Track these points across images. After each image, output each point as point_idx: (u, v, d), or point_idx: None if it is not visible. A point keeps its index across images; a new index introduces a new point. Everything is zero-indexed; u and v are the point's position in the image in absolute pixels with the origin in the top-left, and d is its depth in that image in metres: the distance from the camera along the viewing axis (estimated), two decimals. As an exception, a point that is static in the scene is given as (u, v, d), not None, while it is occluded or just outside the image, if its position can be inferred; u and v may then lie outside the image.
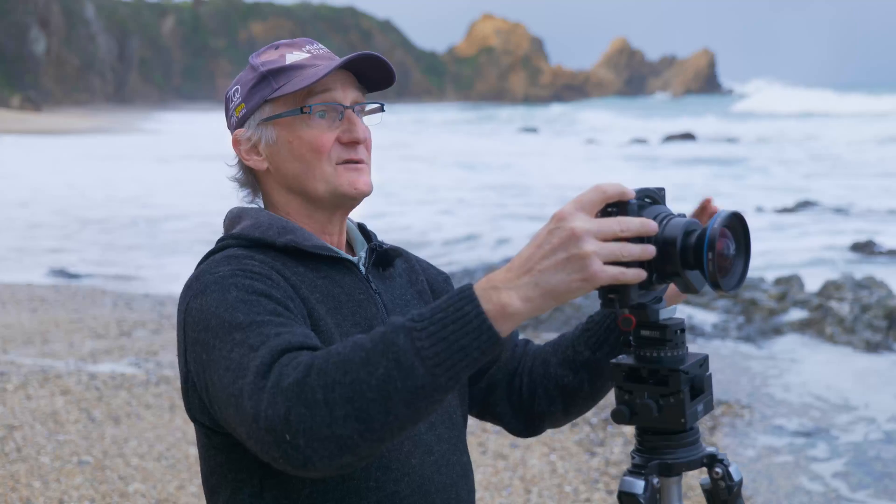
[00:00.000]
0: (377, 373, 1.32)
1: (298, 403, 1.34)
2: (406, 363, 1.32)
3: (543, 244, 1.32)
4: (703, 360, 1.60)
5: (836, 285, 9.46)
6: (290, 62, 1.77)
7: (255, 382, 1.39)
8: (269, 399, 1.36)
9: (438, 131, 58.07)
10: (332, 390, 1.33)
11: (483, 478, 5.41)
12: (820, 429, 6.34)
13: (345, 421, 1.33)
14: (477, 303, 1.32)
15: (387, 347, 1.33)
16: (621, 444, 5.94)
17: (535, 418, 1.93)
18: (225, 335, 1.49)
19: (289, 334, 1.47)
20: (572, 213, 1.33)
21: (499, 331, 1.32)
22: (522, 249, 1.34)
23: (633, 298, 1.46)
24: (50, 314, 9.21)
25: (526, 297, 1.31)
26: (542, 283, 1.31)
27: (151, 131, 57.74)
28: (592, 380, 1.86)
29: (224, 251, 1.70)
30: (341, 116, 1.76)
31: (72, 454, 5.61)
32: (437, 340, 1.32)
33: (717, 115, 64.59)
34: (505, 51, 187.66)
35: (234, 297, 1.54)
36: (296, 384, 1.35)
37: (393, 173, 25.66)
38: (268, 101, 1.76)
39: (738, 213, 1.51)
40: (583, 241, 1.30)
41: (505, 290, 1.32)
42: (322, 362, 1.36)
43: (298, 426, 1.34)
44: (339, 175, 1.75)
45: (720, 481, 1.63)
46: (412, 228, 16.70)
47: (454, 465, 1.78)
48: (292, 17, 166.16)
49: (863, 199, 19.81)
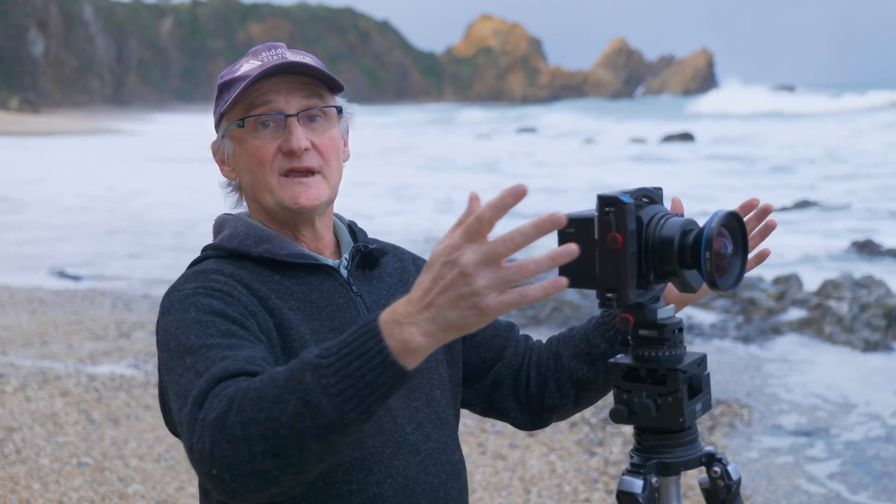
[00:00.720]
0: (287, 411, 1.32)
1: (221, 439, 1.36)
2: (314, 402, 1.31)
3: (438, 278, 1.26)
4: (701, 360, 1.60)
5: (835, 284, 9.46)
6: (240, 72, 1.77)
7: (191, 413, 1.42)
8: (198, 433, 1.39)
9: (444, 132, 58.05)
10: (249, 427, 1.34)
11: (482, 478, 5.41)
12: (819, 428, 6.34)
13: (263, 457, 1.34)
14: (380, 338, 1.29)
15: (295, 385, 1.32)
16: (620, 444, 5.94)
17: (543, 411, 1.94)
18: (179, 358, 1.54)
19: (230, 359, 1.49)
20: (460, 245, 1.25)
21: (404, 365, 1.29)
22: (421, 277, 1.29)
23: (631, 298, 1.46)
24: (49, 316, 9.21)
25: (427, 331, 1.28)
26: (439, 319, 1.27)
27: (152, 133, 57.70)
28: (607, 372, 1.87)
29: (200, 264, 1.75)
30: (285, 125, 1.74)
31: (71, 456, 5.61)
32: (343, 377, 1.30)
33: (667, 118, 64.93)
34: (503, 51, 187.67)
35: (192, 318, 1.59)
36: (218, 419, 1.37)
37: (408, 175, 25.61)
38: (223, 114, 1.78)
39: (735, 213, 1.52)
40: (473, 278, 1.24)
41: (407, 326, 1.28)
42: (241, 397, 1.37)
43: (223, 461, 1.36)
44: (282, 188, 1.74)
45: (719, 480, 1.64)
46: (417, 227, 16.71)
47: (443, 464, 1.78)
48: (290, 18, 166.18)
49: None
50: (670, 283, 1.54)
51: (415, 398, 1.77)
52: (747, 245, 1.53)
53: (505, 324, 1.98)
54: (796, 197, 19.90)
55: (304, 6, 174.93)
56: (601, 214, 1.45)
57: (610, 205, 1.45)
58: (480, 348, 1.94)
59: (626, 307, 1.52)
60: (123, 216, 18.43)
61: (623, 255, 1.44)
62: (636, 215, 1.47)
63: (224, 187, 1.87)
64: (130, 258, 13.61)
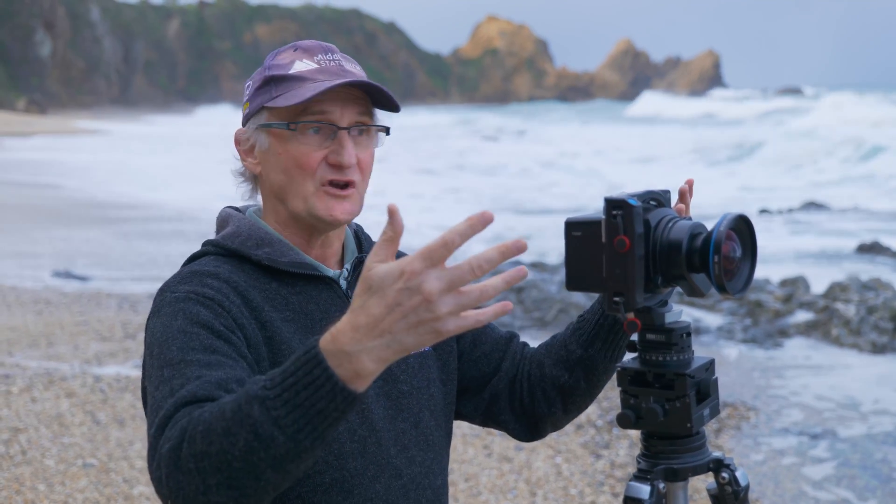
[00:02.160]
0: (238, 444, 1.31)
1: (175, 471, 1.35)
2: (265, 434, 1.29)
3: (394, 306, 1.24)
4: (709, 364, 1.59)
5: (842, 287, 9.43)
6: (294, 71, 1.73)
7: (155, 437, 1.42)
8: (156, 462, 1.39)
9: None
10: (201, 460, 1.33)
11: (488, 480, 5.40)
12: (826, 431, 6.32)
13: (218, 489, 1.33)
14: (325, 366, 1.27)
15: (244, 419, 1.31)
16: (626, 447, 5.92)
17: (537, 421, 1.92)
18: (159, 369, 1.54)
19: (203, 380, 1.48)
20: (421, 271, 1.24)
21: (354, 389, 1.28)
22: (370, 304, 1.25)
23: (639, 302, 1.45)
24: (55, 317, 9.22)
25: (379, 358, 1.27)
26: (395, 344, 1.26)
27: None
28: (588, 377, 1.86)
29: (199, 260, 1.73)
30: (334, 136, 1.72)
31: (76, 457, 5.61)
32: (293, 408, 1.29)
33: (603, 122, 65.39)
34: (509, 52, 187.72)
35: (178, 326, 1.57)
36: (171, 451, 1.36)
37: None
38: (265, 107, 1.73)
39: (744, 216, 1.50)
40: (436, 304, 1.24)
41: (356, 356, 1.26)
42: (192, 430, 1.36)
43: (178, 492, 1.35)
44: (318, 197, 1.71)
45: (727, 486, 1.62)
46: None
47: (424, 489, 1.76)
48: (297, 19, 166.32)
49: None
50: (678, 286, 1.53)
51: (402, 419, 1.75)
52: (756, 249, 1.52)
53: (505, 336, 1.96)
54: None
55: (311, 7, 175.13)
56: (609, 217, 1.44)
57: (618, 208, 1.44)
58: (480, 363, 1.93)
59: (634, 311, 1.51)
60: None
61: (630, 259, 1.43)
62: (644, 218, 1.46)
63: (236, 176, 1.83)
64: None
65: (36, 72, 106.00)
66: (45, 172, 26.60)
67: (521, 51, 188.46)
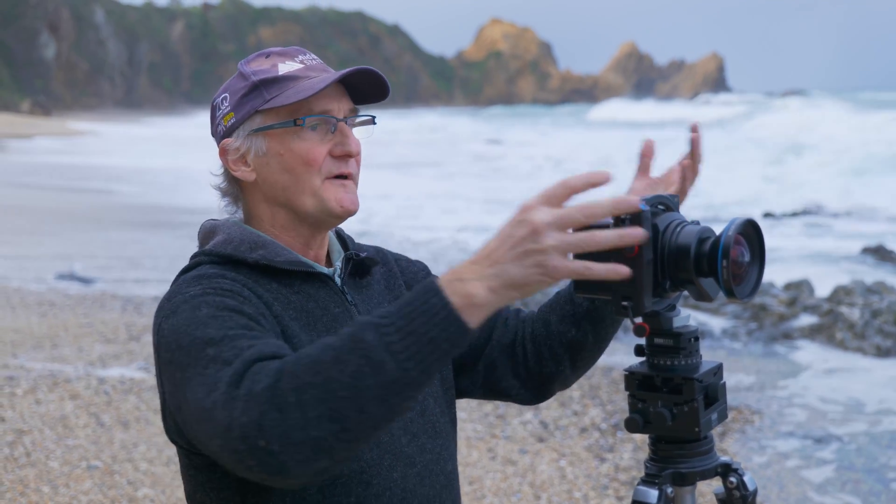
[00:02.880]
0: (348, 370, 1.32)
1: (271, 408, 1.33)
2: (376, 358, 1.31)
3: (507, 237, 1.32)
4: (717, 369, 1.59)
5: (847, 290, 9.42)
6: (283, 72, 1.74)
7: (228, 392, 1.38)
8: (242, 407, 1.35)
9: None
10: (303, 392, 1.32)
11: (492, 483, 5.40)
12: (830, 435, 6.31)
13: (318, 422, 1.32)
14: (443, 295, 1.32)
15: (356, 344, 1.32)
16: (631, 450, 5.92)
17: (544, 382, 1.92)
18: (198, 352, 1.48)
19: (262, 345, 1.46)
20: (535, 206, 1.32)
21: (466, 321, 1.32)
22: (489, 241, 1.34)
23: (647, 306, 1.45)
24: (59, 318, 9.22)
25: (491, 287, 1.32)
26: (504, 275, 1.31)
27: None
28: (595, 329, 1.86)
29: (196, 269, 1.69)
30: (334, 129, 1.73)
31: (81, 459, 5.61)
32: (406, 334, 1.32)
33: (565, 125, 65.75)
34: (513, 55, 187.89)
35: (205, 314, 1.53)
36: (267, 389, 1.34)
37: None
38: (259, 111, 1.73)
39: (752, 220, 1.50)
40: (542, 236, 1.30)
41: (470, 282, 1.32)
42: (292, 365, 1.36)
43: (272, 431, 1.33)
44: (326, 190, 1.72)
45: (734, 491, 1.62)
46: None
47: (437, 475, 1.76)
48: (301, 21, 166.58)
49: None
50: (686, 290, 1.53)
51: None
52: (764, 253, 1.52)
53: None
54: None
55: (315, 10, 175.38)
56: (617, 221, 1.44)
57: (626, 216, 1.44)
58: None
59: (642, 315, 1.51)
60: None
61: (639, 263, 1.43)
62: (652, 223, 1.46)
63: (217, 188, 1.82)
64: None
65: (40, 74, 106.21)
66: (93, 177, 26.61)
67: (525, 53, 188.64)
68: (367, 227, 16.33)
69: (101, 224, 16.95)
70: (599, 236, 1.32)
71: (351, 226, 1.90)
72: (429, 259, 11.12)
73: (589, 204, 1.31)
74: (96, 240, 15.02)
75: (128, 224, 17.11)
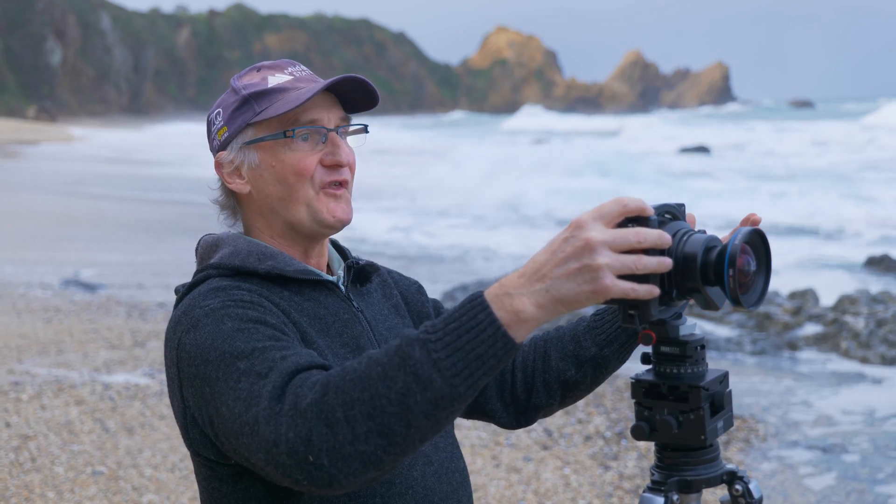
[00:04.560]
0: (396, 387, 1.33)
1: (319, 423, 1.34)
2: (424, 375, 1.32)
3: (558, 251, 1.32)
4: (723, 377, 1.59)
5: (851, 299, 9.42)
6: (272, 85, 1.76)
7: (271, 407, 1.39)
8: (288, 422, 1.37)
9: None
10: (351, 407, 1.34)
11: (496, 491, 5.40)
12: (834, 444, 6.31)
13: (367, 437, 1.33)
14: (490, 310, 1.32)
15: (403, 361, 1.33)
16: (635, 458, 5.92)
17: (529, 411, 1.94)
18: (227, 366, 1.48)
19: (295, 356, 1.47)
20: (589, 223, 1.32)
21: (513, 337, 1.32)
22: (537, 255, 1.34)
23: (654, 315, 1.45)
24: (64, 324, 9.24)
25: (538, 303, 1.32)
26: (553, 290, 1.31)
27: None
28: (596, 374, 1.89)
29: (207, 283, 1.68)
30: (325, 139, 1.75)
31: (86, 464, 5.62)
32: (454, 351, 1.32)
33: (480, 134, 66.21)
34: (519, 63, 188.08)
35: (230, 327, 1.53)
36: (314, 404, 1.36)
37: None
38: (250, 124, 1.75)
39: (759, 230, 1.51)
40: (596, 253, 1.30)
41: (518, 297, 1.32)
42: (338, 380, 1.36)
43: (321, 446, 1.34)
44: (319, 200, 1.73)
45: (740, 499, 1.62)
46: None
47: (453, 472, 1.79)
48: (307, 29, 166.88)
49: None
50: (693, 299, 1.53)
51: None
52: (771, 262, 1.52)
53: None
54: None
55: (321, 17, 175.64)
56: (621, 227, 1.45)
57: (633, 221, 1.44)
58: None
59: (649, 324, 1.52)
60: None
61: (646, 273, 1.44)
62: None
63: (215, 202, 1.84)
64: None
65: (46, 80, 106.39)
66: (93, 182, 26.67)
67: (531, 61, 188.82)
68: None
69: (105, 229, 16.98)
70: (647, 261, 1.33)
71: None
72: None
73: (644, 230, 1.33)
74: (102, 246, 15.05)
75: (133, 230, 17.14)
